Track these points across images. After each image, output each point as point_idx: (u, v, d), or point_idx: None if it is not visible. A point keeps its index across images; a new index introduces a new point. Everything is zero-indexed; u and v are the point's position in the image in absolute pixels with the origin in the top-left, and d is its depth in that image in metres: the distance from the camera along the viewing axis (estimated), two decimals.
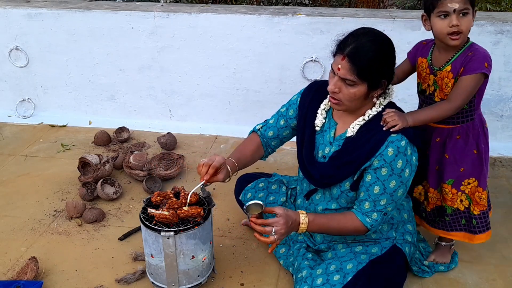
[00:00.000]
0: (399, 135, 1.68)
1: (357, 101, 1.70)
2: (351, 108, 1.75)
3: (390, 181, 1.69)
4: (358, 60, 1.62)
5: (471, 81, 1.74)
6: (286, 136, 2.06)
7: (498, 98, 3.06)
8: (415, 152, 1.73)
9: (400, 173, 1.69)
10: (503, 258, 2.17)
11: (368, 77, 1.65)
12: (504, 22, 2.90)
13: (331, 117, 1.87)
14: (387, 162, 1.67)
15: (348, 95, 1.68)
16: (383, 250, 1.85)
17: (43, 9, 3.31)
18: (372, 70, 1.64)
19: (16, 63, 3.47)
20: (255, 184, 2.22)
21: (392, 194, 1.72)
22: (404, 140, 1.68)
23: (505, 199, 2.60)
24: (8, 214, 2.47)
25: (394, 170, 1.68)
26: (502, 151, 3.08)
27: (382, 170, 1.69)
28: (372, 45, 1.64)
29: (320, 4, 5.04)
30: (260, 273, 2.06)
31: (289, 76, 3.17)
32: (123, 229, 2.34)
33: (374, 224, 1.76)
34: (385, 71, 1.69)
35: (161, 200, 1.88)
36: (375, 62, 1.64)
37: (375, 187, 1.71)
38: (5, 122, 3.50)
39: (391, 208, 1.75)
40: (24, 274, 1.98)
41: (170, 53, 3.27)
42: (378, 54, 1.65)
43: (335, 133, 1.84)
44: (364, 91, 1.67)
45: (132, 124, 3.41)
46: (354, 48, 1.63)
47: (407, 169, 1.70)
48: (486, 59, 1.74)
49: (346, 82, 1.66)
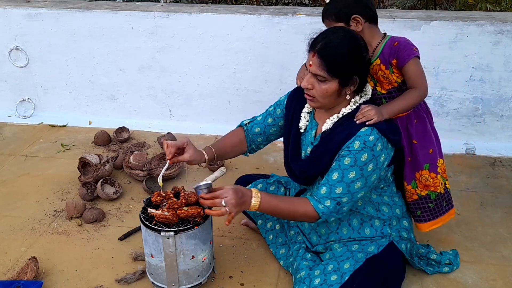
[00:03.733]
0: (368, 129, 1.69)
1: (330, 97, 1.73)
2: (326, 105, 1.77)
3: (350, 171, 1.70)
4: (327, 55, 1.66)
5: (415, 64, 1.84)
6: (273, 134, 2.07)
7: (498, 98, 3.06)
8: (386, 149, 1.73)
9: (362, 166, 1.69)
10: (503, 258, 2.17)
11: (338, 73, 1.67)
12: (504, 22, 2.90)
13: (313, 118, 1.91)
14: (351, 153, 1.69)
15: (321, 91, 1.71)
16: (379, 248, 1.85)
17: (43, 9, 3.31)
18: (341, 65, 1.67)
19: (16, 63, 3.47)
20: (253, 186, 2.22)
21: (349, 185, 1.71)
22: (373, 135, 1.68)
23: (505, 199, 2.60)
24: (8, 214, 2.47)
25: (357, 162, 1.69)
26: (502, 151, 3.08)
27: (346, 159, 1.70)
28: (341, 41, 1.68)
29: (320, 4, 5.04)
30: (260, 273, 2.06)
31: (289, 76, 3.17)
32: (123, 229, 2.34)
33: (325, 212, 1.74)
34: (356, 67, 1.70)
35: (161, 200, 1.88)
36: (344, 57, 1.67)
37: (334, 173, 1.72)
38: (5, 122, 3.50)
39: (346, 199, 1.73)
40: (24, 274, 1.98)
41: (170, 53, 3.27)
42: (348, 50, 1.67)
43: (316, 133, 1.88)
44: (335, 87, 1.70)
45: (132, 124, 3.41)
46: (323, 44, 1.67)
47: (371, 163, 1.69)
48: (411, 44, 1.85)
49: (318, 78, 1.70)
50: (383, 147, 1.71)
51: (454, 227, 2.36)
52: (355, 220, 1.90)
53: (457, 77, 3.04)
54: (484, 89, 3.05)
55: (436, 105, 3.13)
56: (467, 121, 3.15)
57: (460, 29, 2.90)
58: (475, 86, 3.05)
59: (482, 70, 3.00)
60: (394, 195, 1.94)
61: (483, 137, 3.18)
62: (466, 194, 2.65)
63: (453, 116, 3.15)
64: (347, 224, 1.91)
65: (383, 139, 1.71)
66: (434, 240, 2.23)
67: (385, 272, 1.82)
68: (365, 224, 1.90)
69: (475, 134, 3.18)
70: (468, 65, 2.99)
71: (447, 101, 3.12)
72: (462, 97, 3.09)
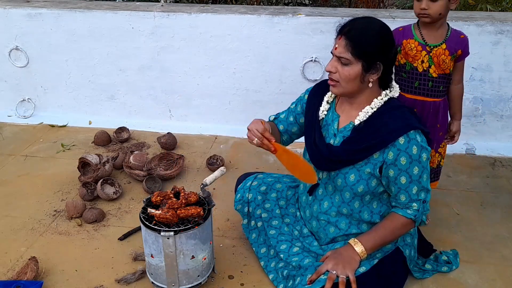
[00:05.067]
0: (413, 132, 1.72)
1: (353, 82, 1.73)
2: (348, 91, 1.77)
3: (413, 168, 1.73)
4: (353, 36, 1.69)
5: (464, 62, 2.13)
6: (295, 133, 2.08)
7: (498, 98, 3.06)
8: (424, 140, 1.76)
9: (418, 159, 1.72)
10: (503, 258, 2.17)
11: (362, 55, 1.69)
12: (504, 22, 2.90)
13: (334, 110, 1.90)
14: (402, 151, 1.70)
15: (344, 74, 1.72)
16: (386, 254, 1.86)
17: (43, 9, 3.31)
18: (366, 47, 1.69)
19: (16, 63, 3.47)
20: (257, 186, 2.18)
21: (419, 181, 1.75)
22: (418, 134, 1.73)
23: (505, 199, 2.60)
24: (8, 214, 2.47)
25: (412, 156, 1.71)
26: (502, 151, 3.08)
27: (401, 160, 1.72)
28: (367, 25, 1.72)
29: (320, 4, 5.05)
30: (260, 273, 2.06)
31: (289, 76, 3.17)
32: (123, 229, 2.34)
33: (417, 215, 1.78)
34: (380, 52, 1.71)
35: (161, 200, 1.88)
36: (369, 39, 1.69)
37: (401, 178, 1.74)
38: (5, 122, 3.50)
39: (424, 195, 1.78)
40: (24, 274, 1.98)
41: (170, 53, 3.27)
42: (374, 34, 1.71)
43: (338, 126, 1.87)
44: (358, 71, 1.70)
45: (132, 124, 3.41)
46: (350, 27, 1.71)
47: (423, 153, 1.73)
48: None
49: (341, 61, 1.71)
50: (422, 138, 1.74)
51: (454, 227, 2.36)
52: (364, 225, 1.90)
53: None
54: (484, 89, 3.05)
55: None
56: (467, 121, 3.15)
57: (460, 29, 2.89)
58: (475, 86, 3.05)
59: (482, 70, 3.00)
60: None
61: (483, 137, 3.18)
62: (466, 194, 2.65)
63: None
64: (356, 227, 1.90)
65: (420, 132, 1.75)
66: (434, 240, 2.23)
67: (389, 275, 1.84)
68: None
69: (475, 134, 3.18)
70: (468, 65, 2.99)
71: None
72: None
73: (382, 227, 1.82)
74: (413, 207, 1.78)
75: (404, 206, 1.79)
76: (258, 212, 2.11)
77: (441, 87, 2.10)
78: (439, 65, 2.04)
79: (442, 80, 2.08)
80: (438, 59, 2.03)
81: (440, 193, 2.63)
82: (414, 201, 1.78)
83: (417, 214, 1.78)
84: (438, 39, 2.04)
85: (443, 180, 2.77)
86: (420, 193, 1.77)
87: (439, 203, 2.55)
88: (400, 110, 1.78)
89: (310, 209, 1.98)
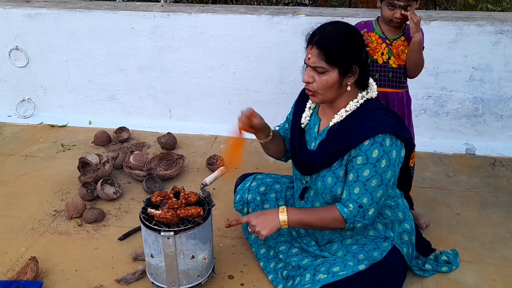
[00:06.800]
0: (381, 136, 1.68)
1: (331, 89, 1.72)
2: (328, 98, 1.76)
3: (364, 170, 1.70)
4: (325, 45, 1.67)
5: None
6: None
7: (498, 98, 3.06)
8: (396, 146, 1.71)
9: (375, 163, 1.69)
10: (503, 258, 2.17)
11: (337, 62, 1.68)
12: (504, 22, 2.90)
13: (316, 114, 1.91)
14: (362, 151, 1.69)
15: (321, 83, 1.71)
16: (383, 254, 1.85)
17: (43, 9, 3.31)
18: (339, 53, 1.67)
19: (16, 63, 3.47)
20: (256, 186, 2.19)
21: (365, 183, 1.71)
22: (388, 138, 1.69)
23: (505, 199, 2.60)
24: (8, 214, 2.47)
25: (369, 159, 1.69)
26: (502, 151, 3.08)
27: (358, 159, 1.71)
28: (337, 31, 1.71)
29: (320, 4, 5.05)
30: (260, 273, 2.06)
31: (289, 76, 3.17)
32: (123, 229, 2.34)
33: (349, 216, 1.75)
34: (354, 55, 1.70)
35: (161, 200, 1.88)
36: (341, 45, 1.68)
37: (350, 175, 1.74)
38: (5, 122, 3.50)
39: (366, 200, 1.73)
40: (24, 274, 1.98)
41: (170, 53, 3.27)
42: (344, 38, 1.69)
43: (319, 129, 1.88)
44: (335, 77, 1.69)
45: (132, 124, 3.41)
46: (320, 35, 1.70)
47: (383, 159, 1.69)
48: None
49: (317, 71, 1.70)
50: (392, 143, 1.70)
51: (454, 227, 2.36)
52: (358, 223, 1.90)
53: (457, 77, 3.04)
54: (484, 89, 3.05)
55: (436, 105, 3.13)
56: (467, 121, 3.15)
57: (460, 29, 2.91)
58: (475, 86, 3.05)
59: (482, 70, 3.00)
60: (398, 196, 1.94)
61: (483, 137, 3.17)
62: (466, 194, 2.65)
63: (453, 116, 3.15)
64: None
65: (396, 139, 1.71)
66: (434, 240, 2.23)
67: (387, 275, 1.83)
68: (369, 227, 1.91)
69: (475, 134, 3.18)
70: (468, 65, 2.99)
71: (447, 101, 3.12)
72: (462, 97, 3.09)
73: (315, 211, 1.83)
74: (349, 207, 1.75)
75: (343, 203, 1.77)
76: None
77: (402, 78, 2.20)
78: (399, 56, 2.15)
79: (402, 71, 2.18)
80: (397, 50, 2.15)
81: (440, 193, 2.64)
82: (352, 202, 1.74)
83: (349, 215, 1.75)
84: (397, 32, 2.16)
85: (443, 180, 2.78)
86: (362, 197, 1.73)
87: (439, 203, 2.55)
88: (375, 112, 1.76)
89: None
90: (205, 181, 1.93)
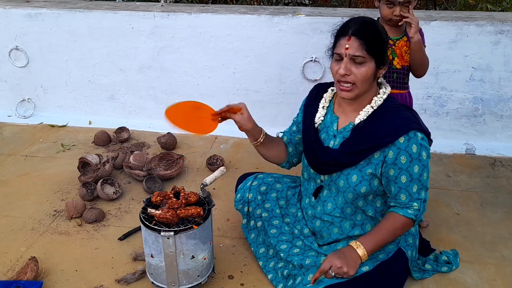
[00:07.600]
0: (412, 132, 1.71)
1: (367, 81, 1.73)
2: (362, 92, 1.76)
3: (413, 167, 1.73)
4: (366, 34, 1.70)
5: None
6: (299, 142, 2.06)
7: (498, 98, 3.06)
8: (424, 139, 1.75)
9: (418, 157, 1.72)
10: (503, 258, 2.17)
11: (376, 52, 1.71)
12: (504, 22, 2.90)
13: (332, 112, 1.90)
14: (402, 150, 1.71)
15: (361, 74, 1.71)
16: (388, 255, 1.86)
17: (43, 9, 3.31)
18: (377, 43, 1.72)
19: (16, 63, 3.47)
20: (256, 186, 2.19)
21: (419, 179, 1.75)
22: (418, 133, 1.73)
23: (505, 199, 2.60)
24: (8, 214, 2.47)
25: (412, 155, 1.71)
26: (502, 151, 3.08)
27: (401, 159, 1.72)
28: (370, 22, 1.75)
29: (320, 4, 5.05)
30: (260, 273, 2.06)
31: (289, 76, 3.17)
32: (123, 229, 2.34)
33: (418, 214, 1.78)
34: (386, 46, 1.77)
35: (161, 200, 1.88)
36: (379, 35, 1.73)
37: (401, 177, 1.74)
38: (5, 122, 3.50)
39: (424, 193, 1.78)
40: (24, 274, 1.98)
41: (170, 53, 3.27)
42: (379, 29, 1.75)
43: (338, 127, 1.87)
44: (373, 68, 1.72)
45: (132, 124, 3.41)
46: (357, 27, 1.71)
47: (423, 152, 1.73)
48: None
49: (355, 62, 1.70)
50: (422, 136, 1.74)
51: (454, 227, 2.36)
52: (369, 225, 1.91)
53: (457, 77, 3.04)
54: (484, 89, 3.05)
55: (436, 105, 3.13)
56: (467, 121, 3.15)
57: (460, 29, 2.91)
58: (475, 86, 3.05)
59: (482, 70, 3.00)
60: None
61: (483, 137, 3.18)
62: (466, 194, 2.65)
63: (453, 116, 3.15)
64: (360, 228, 1.91)
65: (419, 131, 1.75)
66: (434, 240, 2.23)
67: (391, 277, 1.84)
68: None
69: (475, 134, 3.18)
70: (468, 65, 2.99)
71: (447, 101, 3.12)
72: (462, 97, 3.09)
73: (383, 228, 1.81)
74: (413, 206, 1.77)
75: (404, 206, 1.78)
76: (258, 212, 2.11)
77: (405, 79, 2.21)
78: (402, 57, 2.15)
79: (405, 72, 2.19)
80: (401, 50, 2.15)
81: (440, 193, 2.64)
82: (415, 201, 1.77)
83: (417, 213, 1.78)
84: (399, 32, 2.16)
85: (443, 180, 2.78)
86: (420, 192, 1.77)
87: (439, 203, 2.55)
88: (400, 109, 1.79)
89: (313, 210, 1.97)
90: (205, 181, 1.93)
